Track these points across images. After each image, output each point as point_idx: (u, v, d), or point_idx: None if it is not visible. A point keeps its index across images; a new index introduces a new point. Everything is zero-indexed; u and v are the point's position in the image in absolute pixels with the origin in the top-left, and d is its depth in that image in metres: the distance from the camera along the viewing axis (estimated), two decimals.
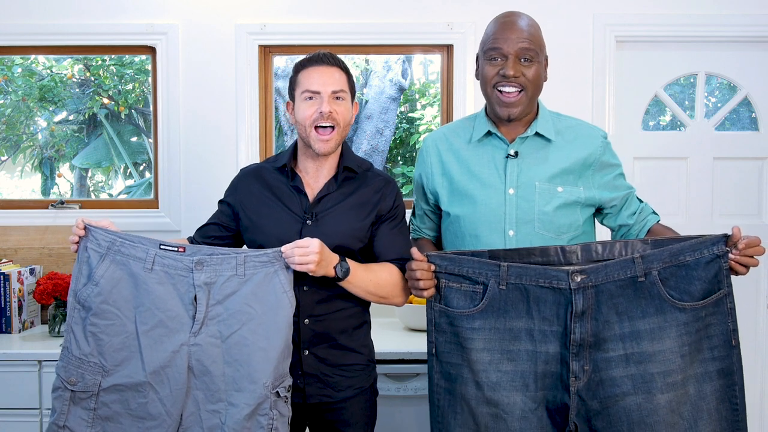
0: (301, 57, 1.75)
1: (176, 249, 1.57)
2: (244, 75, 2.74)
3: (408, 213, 1.85)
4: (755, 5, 2.74)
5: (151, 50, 2.79)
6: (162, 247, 1.57)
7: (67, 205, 2.83)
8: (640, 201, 1.82)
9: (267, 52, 2.81)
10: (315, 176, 1.75)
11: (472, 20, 2.69)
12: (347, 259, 1.64)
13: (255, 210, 1.75)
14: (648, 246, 1.48)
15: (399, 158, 6.36)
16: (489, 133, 1.77)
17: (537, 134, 1.75)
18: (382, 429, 2.22)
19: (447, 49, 2.81)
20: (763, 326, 2.85)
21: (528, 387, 1.47)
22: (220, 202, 1.84)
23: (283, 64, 5.05)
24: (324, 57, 1.70)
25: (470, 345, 1.49)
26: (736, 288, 1.48)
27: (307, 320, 1.65)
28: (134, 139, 6.39)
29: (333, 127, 1.68)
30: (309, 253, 1.53)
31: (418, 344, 2.24)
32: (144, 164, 6.39)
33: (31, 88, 5.75)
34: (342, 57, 1.76)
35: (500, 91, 1.70)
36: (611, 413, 1.43)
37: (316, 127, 1.67)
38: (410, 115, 6.27)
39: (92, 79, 5.91)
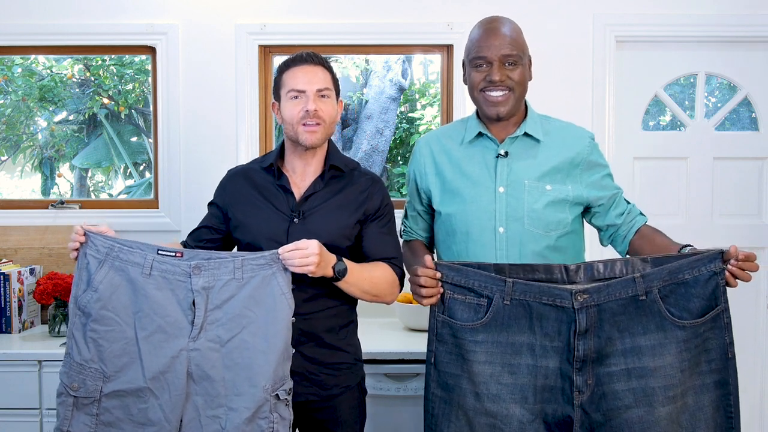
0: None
1: (174, 254, 1.57)
2: (244, 75, 2.75)
3: (398, 213, 1.85)
4: (755, 5, 2.74)
5: (151, 50, 2.79)
6: (160, 252, 1.57)
7: (67, 205, 2.83)
8: (628, 202, 1.85)
9: (267, 52, 2.81)
10: (302, 175, 1.77)
11: (472, 20, 2.65)
12: (344, 259, 1.64)
13: (242, 210, 1.76)
14: (648, 264, 1.51)
15: (399, 158, 6.37)
16: (480, 134, 1.81)
17: (526, 134, 1.79)
18: (382, 429, 2.22)
19: (447, 49, 2.81)
20: (763, 327, 2.84)
21: (527, 400, 1.49)
22: (210, 204, 1.86)
23: None
24: (308, 56, 1.73)
25: (472, 357, 1.51)
26: (736, 289, 1.48)
27: (293, 318, 1.65)
28: (134, 139, 6.40)
29: (319, 125, 1.70)
30: (309, 254, 1.53)
31: (418, 344, 2.24)
32: (144, 164, 6.39)
33: (31, 88, 5.75)
34: (342, 57, 1.77)
35: (488, 94, 1.75)
36: (614, 425, 1.46)
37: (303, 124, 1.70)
38: (410, 115, 6.27)
39: (92, 79, 5.91)
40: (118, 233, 1.61)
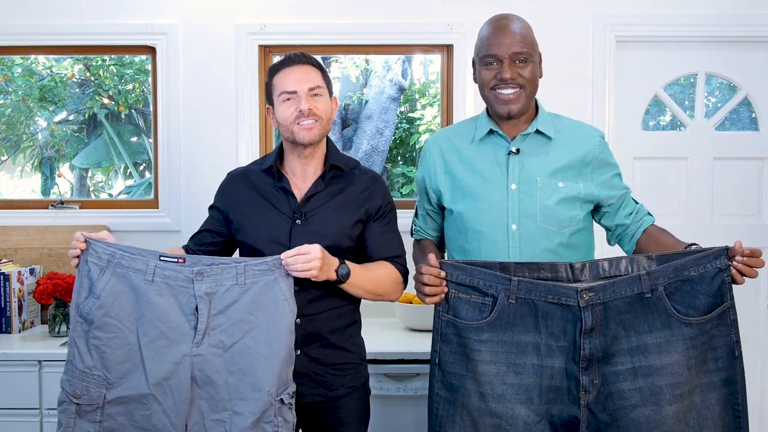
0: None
1: (176, 260, 1.57)
2: (244, 75, 2.74)
3: (398, 213, 1.85)
4: (755, 5, 2.74)
5: (151, 50, 2.79)
6: (162, 258, 1.57)
7: (67, 205, 2.83)
8: (636, 202, 1.85)
9: (267, 52, 2.81)
10: (302, 176, 1.76)
11: (472, 20, 2.69)
12: (346, 261, 1.65)
13: (244, 212, 1.76)
14: (653, 262, 1.51)
15: (399, 158, 6.37)
16: (491, 132, 1.80)
17: (537, 132, 1.78)
18: (383, 429, 2.22)
19: (447, 49, 2.81)
20: (763, 327, 2.85)
21: (532, 400, 1.48)
22: (211, 207, 1.85)
23: None
24: (296, 57, 1.73)
25: (477, 357, 1.50)
26: (736, 288, 1.48)
27: (298, 320, 1.64)
28: (134, 139, 6.40)
29: (315, 122, 1.70)
30: (311, 259, 1.54)
31: (418, 344, 2.24)
32: (144, 164, 6.39)
33: (31, 88, 5.75)
34: (342, 57, 1.77)
35: (499, 91, 1.74)
36: (621, 425, 1.45)
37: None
38: (410, 115, 6.27)
39: (92, 79, 5.91)
40: (118, 233, 1.62)
